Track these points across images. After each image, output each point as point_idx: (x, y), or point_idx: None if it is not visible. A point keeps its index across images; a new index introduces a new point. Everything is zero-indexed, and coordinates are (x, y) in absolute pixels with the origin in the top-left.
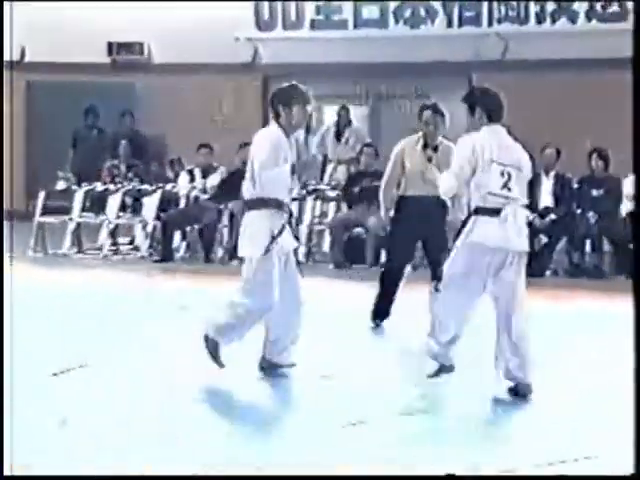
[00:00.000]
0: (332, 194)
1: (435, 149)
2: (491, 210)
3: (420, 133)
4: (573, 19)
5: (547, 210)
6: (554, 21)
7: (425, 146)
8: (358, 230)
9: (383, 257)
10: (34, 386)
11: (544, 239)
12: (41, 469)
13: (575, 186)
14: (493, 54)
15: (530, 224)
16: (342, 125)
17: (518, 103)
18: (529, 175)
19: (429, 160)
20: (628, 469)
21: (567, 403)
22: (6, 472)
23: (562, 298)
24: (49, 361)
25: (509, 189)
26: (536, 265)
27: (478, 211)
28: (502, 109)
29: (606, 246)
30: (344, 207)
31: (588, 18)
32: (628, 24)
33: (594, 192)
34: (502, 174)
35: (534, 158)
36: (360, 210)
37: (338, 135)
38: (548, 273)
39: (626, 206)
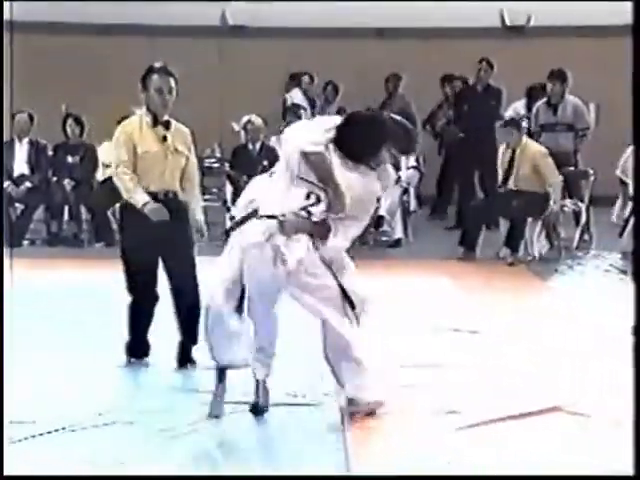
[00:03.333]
0: None
1: (167, 126)
2: None
3: (143, 109)
4: None
5: (22, 178)
6: None
7: (155, 123)
8: None
9: None
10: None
11: (20, 208)
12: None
13: (50, 153)
14: None
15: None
16: None
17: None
18: None
19: (163, 140)
20: (628, 469)
21: None
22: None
23: (42, 268)
24: None
25: None
26: (14, 235)
27: None
28: None
29: (84, 214)
30: None
31: None
32: None
33: (69, 159)
34: None
35: None
36: None
37: None
38: (26, 243)
39: None
